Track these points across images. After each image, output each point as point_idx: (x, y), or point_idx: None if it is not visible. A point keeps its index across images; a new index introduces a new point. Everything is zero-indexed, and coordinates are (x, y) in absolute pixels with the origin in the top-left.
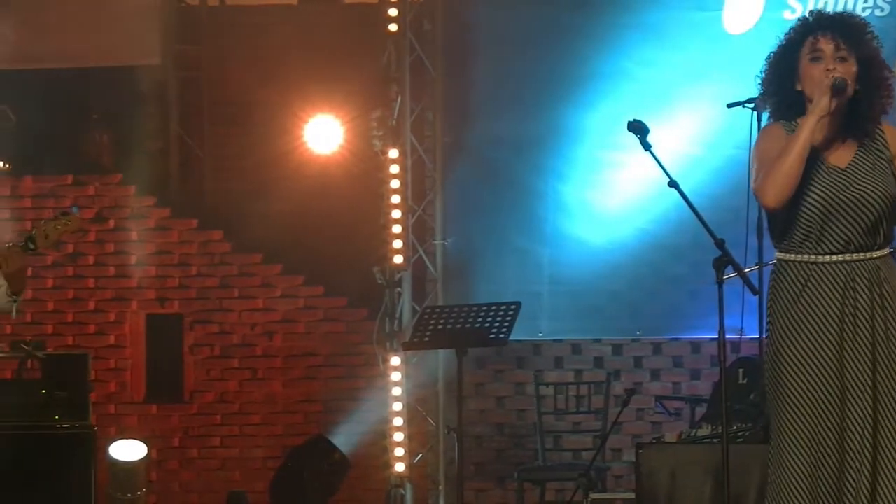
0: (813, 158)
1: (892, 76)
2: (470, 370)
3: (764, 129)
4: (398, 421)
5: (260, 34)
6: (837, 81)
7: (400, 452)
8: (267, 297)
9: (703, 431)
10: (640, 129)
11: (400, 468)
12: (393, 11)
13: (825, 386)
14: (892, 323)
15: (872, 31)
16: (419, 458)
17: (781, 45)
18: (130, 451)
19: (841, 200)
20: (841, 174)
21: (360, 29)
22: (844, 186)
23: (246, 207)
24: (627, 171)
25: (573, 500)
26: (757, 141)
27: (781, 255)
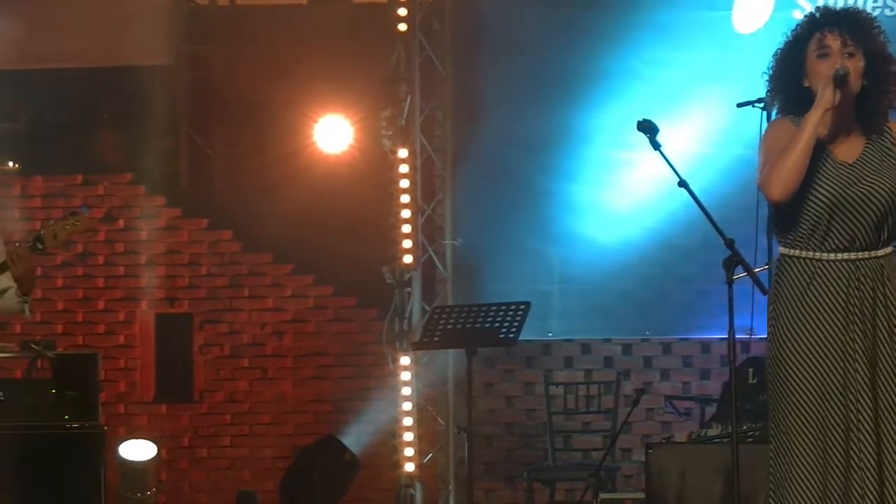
0: (820, 153)
1: None
2: (480, 370)
3: (772, 123)
4: (408, 421)
5: (269, 34)
6: (838, 71)
7: (410, 452)
8: (277, 296)
9: (713, 431)
10: (649, 128)
11: (410, 468)
12: (403, 11)
13: (829, 384)
14: (894, 322)
15: (879, 25)
16: (429, 457)
17: (788, 41)
18: (140, 450)
19: (848, 196)
20: (849, 170)
21: (369, 29)
22: (852, 182)
23: (256, 207)
24: (637, 170)
25: (583, 500)
26: (764, 135)
27: (786, 250)
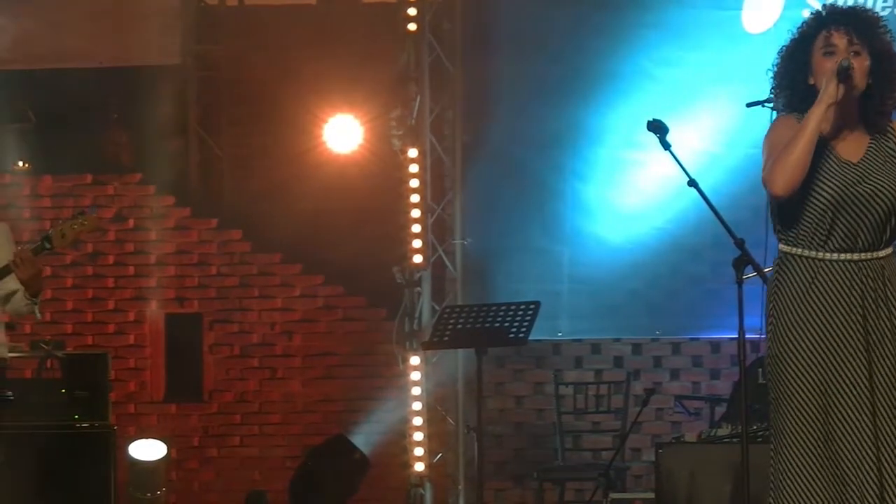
0: (824, 151)
1: None
2: (489, 370)
3: (776, 119)
4: (418, 420)
5: (279, 34)
6: (841, 64)
7: (419, 452)
8: (286, 296)
9: (722, 431)
10: (659, 128)
11: (419, 468)
12: (412, 11)
13: (830, 384)
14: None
15: (886, 25)
16: (439, 457)
17: (794, 38)
18: (150, 450)
19: (852, 195)
20: (853, 169)
21: (379, 28)
22: (856, 181)
23: (265, 207)
24: (647, 170)
25: (593, 499)
26: (768, 131)
27: (787, 248)
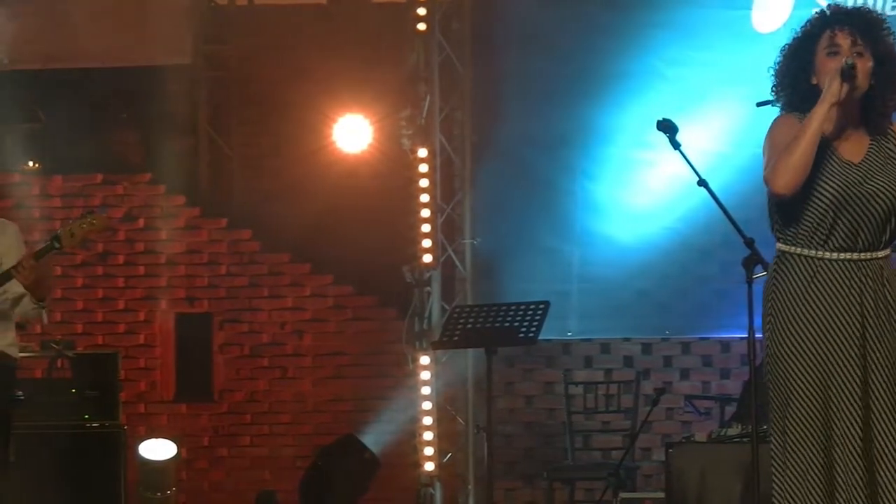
0: (826, 151)
1: None
2: (499, 369)
3: (777, 118)
4: (427, 420)
5: (289, 34)
6: (846, 63)
7: (429, 451)
8: (296, 296)
9: (732, 431)
10: (669, 127)
11: (429, 467)
12: (422, 11)
13: (829, 382)
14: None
15: (889, 27)
16: (448, 457)
17: (797, 37)
18: (160, 450)
19: (853, 195)
20: (854, 169)
21: (389, 28)
22: (857, 181)
23: (275, 207)
24: (656, 169)
25: (603, 499)
26: (770, 130)
27: (786, 247)
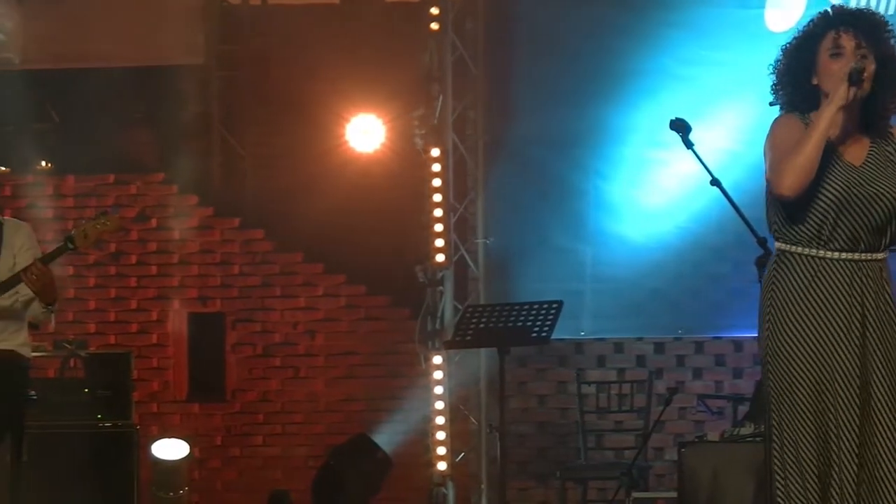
0: (828, 154)
1: None
2: (512, 369)
3: (778, 119)
4: (440, 420)
5: (302, 33)
6: (856, 67)
7: (442, 451)
8: (309, 295)
9: (745, 430)
10: (682, 127)
11: (442, 467)
12: (435, 10)
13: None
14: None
15: (891, 29)
16: (461, 456)
17: (799, 37)
18: (173, 449)
19: (855, 196)
20: (856, 171)
21: (401, 28)
22: (859, 183)
23: (288, 206)
24: (669, 168)
25: (615, 498)
26: (772, 130)
27: (786, 246)
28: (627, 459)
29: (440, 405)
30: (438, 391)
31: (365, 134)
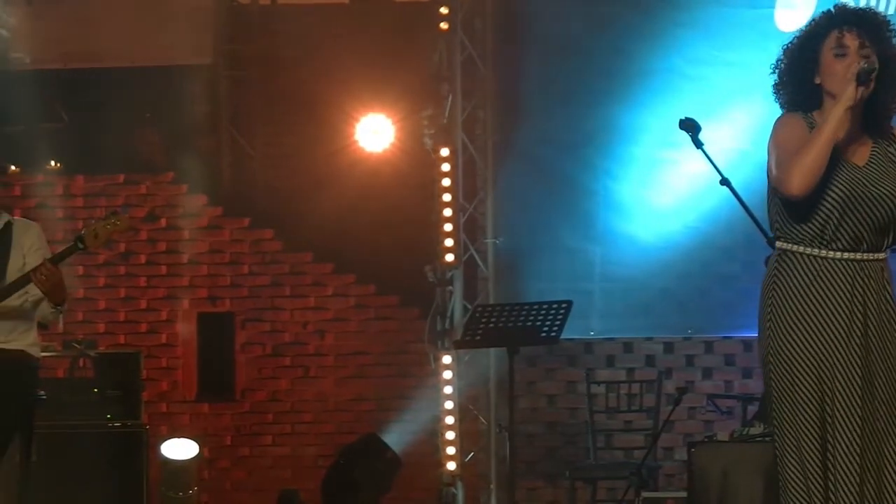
0: (832, 154)
1: None
2: (521, 368)
3: (782, 118)
4: (450, 419)
5: (311, 33)
6: (865, 68)
7: (451, 451)
8: (318, 295)
9: (755, 430)
10: (691, 126)
11: (451, 467)
12: (444, 10)
13: (831, 380)
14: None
15: (893, 29)
16: (471, 456)
17: (802, 36)
18: (182, 449)
19: (859, 197)
20: (859, 172)
21: (411, 27)
22: (863, 184)
23: (297, 206)
24: (678, 168)
25: (625, 498)
26: (776, 130)
27: (788, 245)
28: (637, 459)
29: (449, 405)
30: (448, 391)
31: (374, 134)
